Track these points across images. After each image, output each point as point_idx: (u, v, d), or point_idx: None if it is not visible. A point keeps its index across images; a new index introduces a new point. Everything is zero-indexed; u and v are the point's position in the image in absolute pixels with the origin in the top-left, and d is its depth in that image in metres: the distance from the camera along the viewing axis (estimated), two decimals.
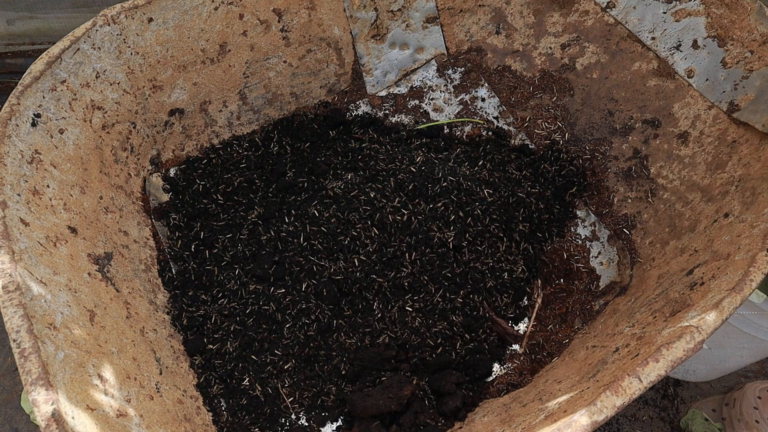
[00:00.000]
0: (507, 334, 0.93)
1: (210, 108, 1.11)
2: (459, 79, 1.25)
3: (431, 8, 1.21)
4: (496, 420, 0.77)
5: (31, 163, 0.78)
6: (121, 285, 0.85)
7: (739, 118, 0.87)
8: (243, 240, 0.98)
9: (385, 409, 0.81)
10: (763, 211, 0.73)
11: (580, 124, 1.15)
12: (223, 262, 0.98)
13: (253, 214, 1.01)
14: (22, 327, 0.60)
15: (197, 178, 1.06)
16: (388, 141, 1.12)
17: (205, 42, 1.04)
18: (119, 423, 0.65)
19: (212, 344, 0.90)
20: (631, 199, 1.03)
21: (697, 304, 0.67)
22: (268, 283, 0.94)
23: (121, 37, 0.94)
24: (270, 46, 1.11)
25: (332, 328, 0.90)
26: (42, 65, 0.83)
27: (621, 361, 0.67)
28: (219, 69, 1.08)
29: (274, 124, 1.15)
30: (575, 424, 0.55)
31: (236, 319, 0.92)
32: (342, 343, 0.89)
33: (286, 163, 1.07)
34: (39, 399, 0.56)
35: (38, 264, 0.70)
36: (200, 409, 0.84)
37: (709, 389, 1.24)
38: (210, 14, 1.02)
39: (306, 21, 1.12)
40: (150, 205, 1.03)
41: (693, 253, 0.81)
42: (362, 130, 1.14)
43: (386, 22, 1.20)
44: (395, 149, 1.07)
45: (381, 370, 0.87)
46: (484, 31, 1.24)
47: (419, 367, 0.88)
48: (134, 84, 0.99)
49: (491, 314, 0.92)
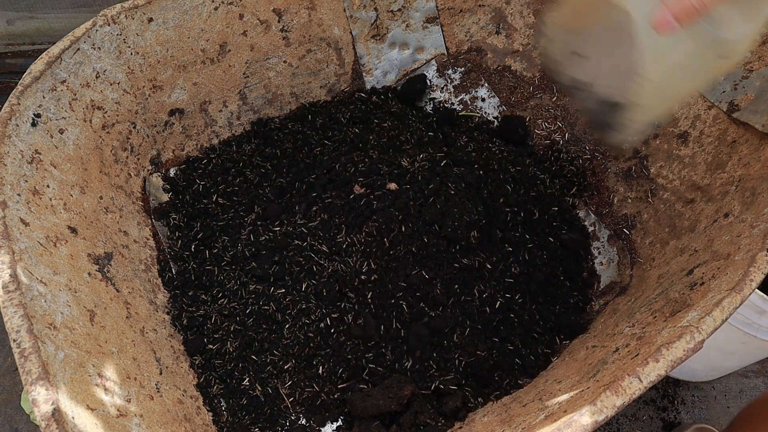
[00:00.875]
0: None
1: (210, 108, 1.11)
2: (459, 79, 1.26)
3: (431, 8, 1.21)
4: (496, 420, 0.77)
5: (31, 163, 0.78)
6: (121, 285, 0.85)
7: (739, 118, 0.87)
8: (243, 240, 0.98)
9: (385, 409, 0.81)
10: (763, 211, 0.73)
11: (580, 124, 1.15)
12: (223, 262, 0.98)
13: (253, 214, 1.01)
14: (22, 327, 0.60)
15: (197, 178, 1.06)
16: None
17: (205, 42, 1.04)
18: (119, 423, 0.65)
19: (212, 344, 0.90)
20: (631, 199, 1.03)
21: (697, 304, 0.67)
22: (268, 283, 0.94)
23: (121, 37, 0.94)
24: (270, 46, 1.11)
25: (332, 331, 0.90)
26: (42, 65, 0.83)
27: (621, 361, 0.67)
28: (219, 69, 1.08)
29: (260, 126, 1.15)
30: (575, 424, 0.55)
31: (236, 319, 0.92)
32: (342, 344, 0.89)
33: (284, 165, 1.07)
34: (39, 399, 0.56)
35: (38, 264, 0.70)
36: (200, 409, 0.84)
37: (709, 389, 1.24)
38: (210, 14, 1.02)
39: (306, 21, 1.12)
40: (150, 205, 1.03)
41: (693, 253, 0.81)
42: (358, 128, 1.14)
43: (386, 22, 1.20)
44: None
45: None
46: (484, 31, 1.24)
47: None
48: (134, 84, 0.99)
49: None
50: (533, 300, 0.95)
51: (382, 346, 0.88)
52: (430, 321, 0.89)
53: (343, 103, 1.20)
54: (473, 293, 0.92)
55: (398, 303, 0.90)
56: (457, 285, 0.92)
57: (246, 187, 1.05)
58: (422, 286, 0.90)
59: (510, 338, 0.92)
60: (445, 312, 0.90)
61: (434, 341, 0.89)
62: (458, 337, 0.89)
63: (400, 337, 0.89)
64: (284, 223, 0.99)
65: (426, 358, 0.88)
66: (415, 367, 0.87)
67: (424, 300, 0.90)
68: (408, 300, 0.90)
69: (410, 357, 0.88)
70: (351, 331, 0.89)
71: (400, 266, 0.91)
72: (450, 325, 0.89)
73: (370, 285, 0.91)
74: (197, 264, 0.98)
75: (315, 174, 1.04)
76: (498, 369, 0.89)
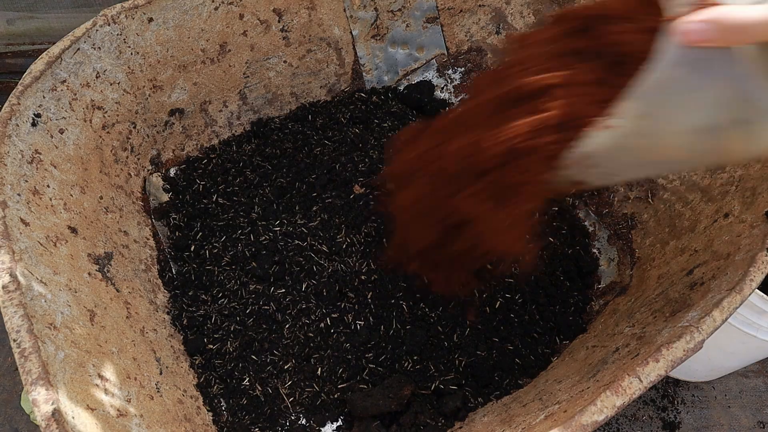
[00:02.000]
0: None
1: (210, 108, 1.11)
2: (459, 79, 1.26)
3: (431, 8, 1.21)
4: (496, 420, 0.77)
5: (31, 163, 0.78)
6: (121, 285, 0.85)
7: None
8: (243, 240, 0.98)
9: (385, 409, 0.81)
10: (763, 211, 0.73)
11: None
12: (223, 262, 0.98)
13: (253, 214, 1.01)
14: (22, 327, 0.60)
15: (197, 178, 1.06)
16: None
17: (205, 42, 1.04)
18: (119, 423, 0.65)
19: (212, 344, 0.90)
20: (631, 199, 1.03)
21: (697, 304, 0.67)
22: (268, 283, 0.94)
23: (121, 37, 0.94)
24: (270, 46, 1.11)
25: (331, 330, 0.90)
26: (42, 65, 0.83)
27: (621, 361, 0.67)
28: (219, 69, 1.08)
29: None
30: (575, 424, 0.55)
31: (236, 319, 0.92)
32: (342, 344, 0.89)
33: (284, 165, 1.07)
34: (39, 399, 0.56)
35: (38, 264, 0.70)
36: (200, 409, 0.85)
37: (709, 389, 1.24)
38: (210, 14, 1.02)
39: (306, 21, 1.12)
40: (150, 205, 1.03)
41: (693, 253, 0.81)
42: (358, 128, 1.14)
43: (386, 22, 1.20)
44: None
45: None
46: (484, 31, 1.24)
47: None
48: (134, 84, 0.99)
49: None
50: (533, 300, 0.95)
51: (382, 346, 0.88)
52: (431, 321, 0.89)
53: (343, 103, 1.20)
54: (473, 293, 0.92)
55: (398, 303, 0.90)
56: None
57: (246, 187, 1.05)
58: (422, 286, 0.90)
59: (510, 338, 0.92)
60: (445, 312, 0.90)
61: (434, 341, 0.89)
62: (458, 337, 0.89)
63: (400, 337, 0.89)
64: (284, 223, 0.99)
65: (426, 358, 0.88)
66: (415, 367, 0.87)
67: (424, 300, 0.90)
68: (408, 300, 0.90)
69: (410, 357, 0.88)
70: (351, 330, 0.89)
71: (400, 266, 0.91)
72: (450, 325, 0.90)
73: (370, 285, 0.91)
74: (197, 264, 0.98)
75: (315, 174, 1.04)
76: (498, 369, 0.89)
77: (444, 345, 0.89)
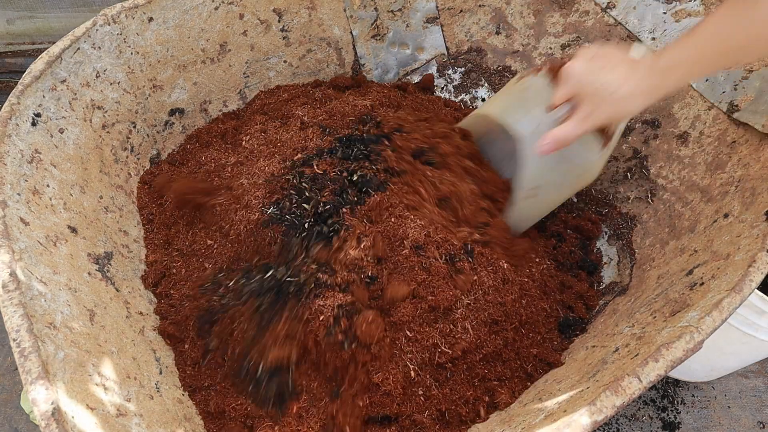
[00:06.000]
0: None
1: (210, 108, 1.11)
2: (459, 79, 1.26)
3: (431, 8, 1.21)
4: (496, 420, 0.77)
5: (31, 162, 0.78)
6: (121, 284, 0.85)
7: (738, 118, 0.87)
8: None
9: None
10: (762, 211, 0.73)
11: None
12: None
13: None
14: (22, 326, 0.60)
15: None
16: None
17: (205, 42, 1.04)
18: (119, 422, 0.65)
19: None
20: (631, 199, 1.03)
21: (697, 304, 0.67)
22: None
23: (121, 36, 0.94)
24: (270, 46, 1.11)
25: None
26: (42, 65, 0.83)
27: (621, 360, 0.67)
28: (219, 69, 1.08)
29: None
30: (575, 424, 0.55)
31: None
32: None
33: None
34: (39, 398, 0.56)
35: (38, 263, 0.70)
36: None
37: (709, 389, 1.24)
38: (210, 14, 1.02)
39: (306, 21, 1.12)
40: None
41: (693, 254, 0.81)
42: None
43: (386, 22, 1.20)
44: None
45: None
46: (484, 31, 1.24)
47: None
48: (134, 84, 0.99)
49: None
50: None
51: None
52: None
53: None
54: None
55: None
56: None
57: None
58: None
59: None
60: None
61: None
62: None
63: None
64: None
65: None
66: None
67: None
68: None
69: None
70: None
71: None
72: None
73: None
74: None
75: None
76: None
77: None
